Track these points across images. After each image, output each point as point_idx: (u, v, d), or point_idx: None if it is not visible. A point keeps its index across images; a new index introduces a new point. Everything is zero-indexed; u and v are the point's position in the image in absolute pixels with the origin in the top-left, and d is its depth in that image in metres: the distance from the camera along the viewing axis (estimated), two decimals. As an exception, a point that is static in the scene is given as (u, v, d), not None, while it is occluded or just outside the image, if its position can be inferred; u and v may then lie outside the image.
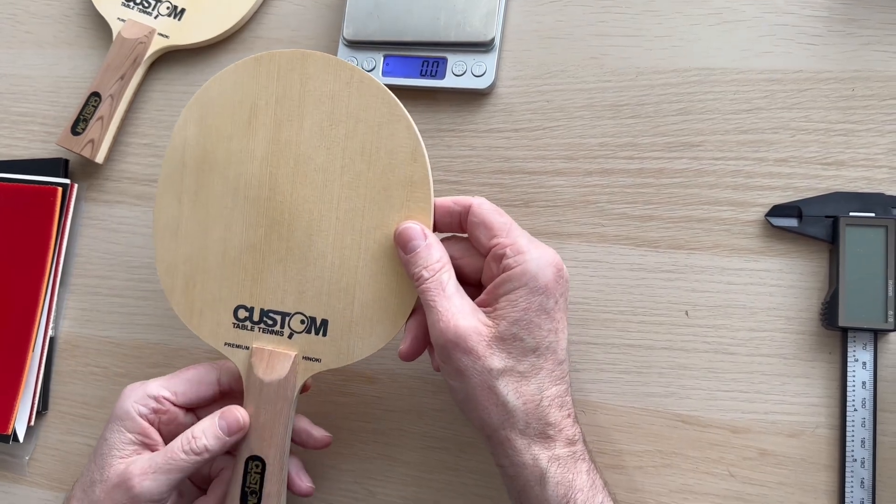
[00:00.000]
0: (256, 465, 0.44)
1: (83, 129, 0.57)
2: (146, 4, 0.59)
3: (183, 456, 0.42)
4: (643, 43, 0.50)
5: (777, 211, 0.46)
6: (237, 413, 0.44)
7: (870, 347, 0.44)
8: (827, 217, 0.45)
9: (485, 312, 0.40)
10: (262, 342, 0.45)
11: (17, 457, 0.57)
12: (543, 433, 0.39)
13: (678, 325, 0.47)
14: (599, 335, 0.48)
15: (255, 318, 0.45)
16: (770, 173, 0.47)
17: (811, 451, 0.45)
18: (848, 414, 0.44)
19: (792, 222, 0.46)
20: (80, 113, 0.58)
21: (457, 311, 0.39)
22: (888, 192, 0.45)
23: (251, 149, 0.45)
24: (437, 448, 0.50)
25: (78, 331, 0.58)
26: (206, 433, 0.43)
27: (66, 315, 0.58)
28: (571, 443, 0.40)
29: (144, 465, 0.42)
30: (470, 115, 0.53)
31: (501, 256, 0.40)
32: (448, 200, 0.43)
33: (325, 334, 0.44)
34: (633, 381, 0.47)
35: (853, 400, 0.44)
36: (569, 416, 0.40)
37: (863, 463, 0.43)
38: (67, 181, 0.59)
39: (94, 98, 0.58)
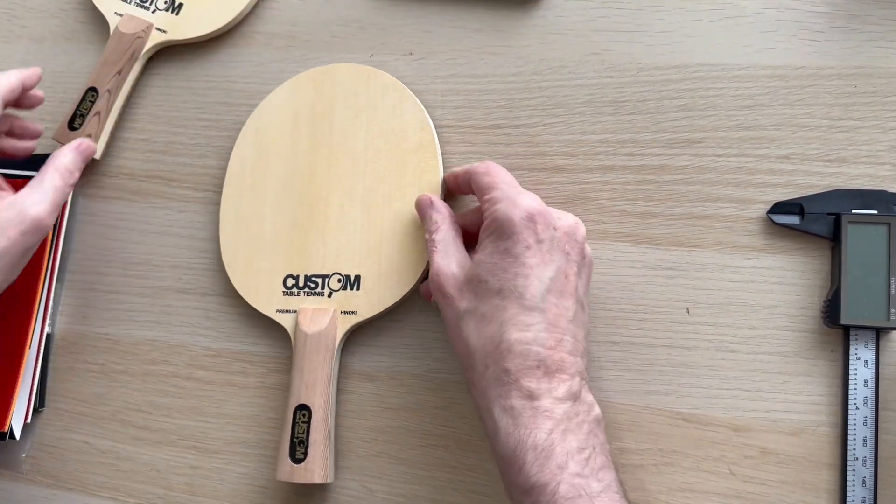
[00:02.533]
0: (303, 415, 0.49)
1: (80, 125, 0.57)
2: (144, -1, 0.59)
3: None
4: (644, 38, 0.50)
5: (779, 208, 0.46)
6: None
7: (872, 345, 0.44)
8: (829, 214, 0.45)
9: (470, 259, 0.44)
10: (307, 304, 0.51)
11: (14, 454, 0.56)
12: (499, 379, 0.39)
13: (679, 322, 0.47)
14: (600, 333, 0.48)
15: (301, 283, 0.52)
16: (772, 170, 0.47)
17: (812, 450, 0.44)
18: (850, 412, 0.44)
19: (794, 219, 0.45)
20: (77, 108, 0.57)
21: (441, 262, 0.44)
22: (890, 190, 0.45)
23: (295, 146, 0.54)
24: (436, 446, 0.49)
25: (75, 327, 0.57)
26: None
27: (63, 311, 0.58)
28: (531, 397, 0.38)
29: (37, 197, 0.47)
30: (469, 111, 0.52)
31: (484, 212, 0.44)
32: (459, 169, 0.48)
33: (358, 288, 0.51)
34: (634, 378, 0.47)
35: (855, 398, 0.44)
36: (537, 368, 0.39)
37: (864, 462, 0.43)
38: (64, 177, 0.58)
39: (91, 93, 0.57)
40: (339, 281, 0.51)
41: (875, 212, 0.44)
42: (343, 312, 0.51)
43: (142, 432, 0.54)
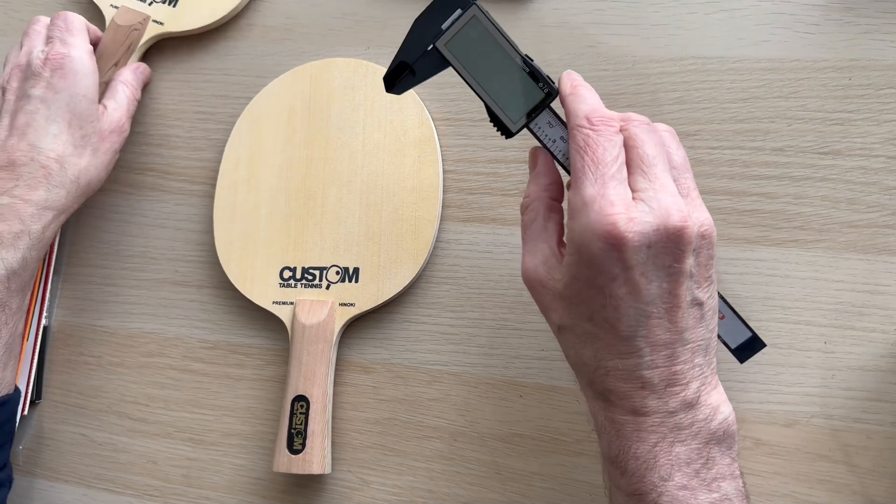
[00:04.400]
0: (301, 406, 0.49)
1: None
2: (140, -9, 0.59)
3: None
4: (640, 31, 0.50)
5: (390, 80, 0.41)
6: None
7: (554, 124, 0.40)
8: (427, 52, 0.40)
9: (561, 259, 0.38)
10: (305, 296, 0.51)
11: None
12: (601, 395, 0.37)
13: (673, 314, 0.47)
14: (594, 325, 0.48)
15: (298, 276, 0.52)
16: (767, 162, 0.47)
17: (806, 441, 0.45)
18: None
19: (410, 79, 0.40)
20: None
21: (527, 258, 0.39)
22: None
23: (291, 139, 0.54)
24: (431, 437, 0.50)
25: (72, 320, 0.57)
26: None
27: (60, 304, 0.58)
28: (635, 413, 0.36)
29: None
30: (465, 104, 0.53)
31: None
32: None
33: (357, 281, 0.51)
34: (628, 370, 0.47)
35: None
36: (642, 388, 0.36)
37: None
38: (61, 169, 0.58)
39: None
40: (338, 273, 0.51)
41: (459, 13, 0.39)
42: (341, 304, 0.51)
43: (138, 424, 0.54)
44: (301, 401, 0.49)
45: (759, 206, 0.47)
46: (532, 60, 0.39)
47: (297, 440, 0.49)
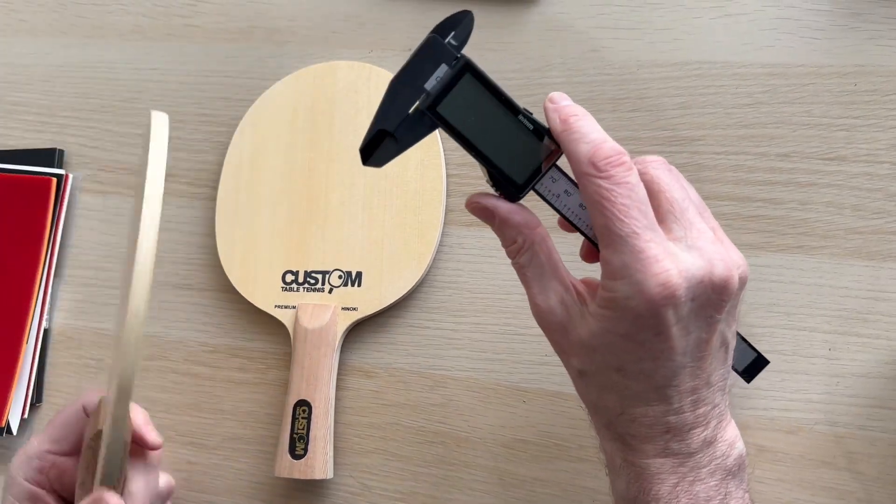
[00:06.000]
0: (304, 410, 0.49)
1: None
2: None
3: None
4: (644, 36, 0.50)
5: (368, 151, 0.35)
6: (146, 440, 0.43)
7: (561, 180, 0.36)
8: (410, 116, 0.35)
9: (578, 299, 0.35)
10: (307, 300, 0.51)
11: (11, 449, 0.56)
12: (621, 439, 0.36)
13: (677, 320, 0.47)
14: (598, 330, 0.48)
15: (300, 279, 0.52)
16: (771, 168, 0.47)
17: (809, 448, 0.44)
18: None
19: (391, 148, 0.35)
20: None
21: (539, 298, 0.35)
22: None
23: (293, 142, 0.54)
24: (433, 442, 0.49)
25: (73, 322, 0.57)
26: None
27: (61, 307, 0.57)
28: (656, 456, 0.35)
29: None
30: (469, 108, 0.52)
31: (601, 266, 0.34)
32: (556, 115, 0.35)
33: (359, 285, 0.51)
34: (632, 376, 0.47)
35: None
36: (666, 433, 0.34)
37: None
38: (62, 171, 0.58)
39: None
40: (340, 277, 0.51)
41: (446, 68, 0.34)
42: (344, 309, 0.51)
43: (139, 428, 0.54)
44: (303, 405, 0.49)
45: (764, 212, 0.47)
46: (531, 114, 0.35)
47: (299, 445, 0.49)
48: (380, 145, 0.35)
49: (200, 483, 0.53)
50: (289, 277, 0.52)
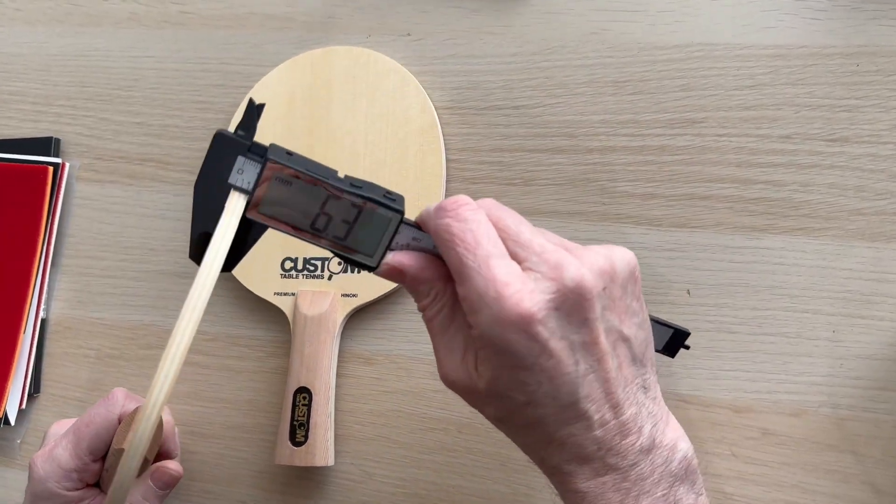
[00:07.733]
0: (304, 397, 0.48)
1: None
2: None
3: None
4: (645, 18, 0.50)
5: (199, 253, 0.36)
6: (169, 470, 0.47)
7: None
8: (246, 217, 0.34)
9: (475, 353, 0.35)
10: (306, 286, 0.51)
11: (9, 440, 0.56)
12: (557, 470, 0.35)
13: (680, 304, 0.47)
14: (600, 314, 0.47)
15: (299, 266, 0.51)
16: (773, 150, 0.47)
17: (814, 431, 0.44)
18: None
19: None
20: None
21: (448, 358, 0.35)
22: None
23: (291, 128, 0.53)
24: (434, 429, 0.49)
25: (70, 312, 0.57)
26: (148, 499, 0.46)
27: (58, 296, 0.57)
28: (595, 476, 0.35)
29: None
30: (468, 92, 0.52)
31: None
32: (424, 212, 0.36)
33: (359, 271, 0.50)
34: (634, 360, 0.47)
35: None
36: (598, 450, 0.34)
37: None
38: (59, 160, 0.58)
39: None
40: (340, 264, 0.51)
41: (243, 158, 0.33)
42: (343, 295, 0.50)
43: (138, 417, 0.54)
44: (303, 392, 0.49)
45: (767, 194, 0.46)
46: (358, 185, 0.34)
47: (299, 432, 0.48)
48: (207, 247, 0.34)
49: (201, 472, 0.52)
50: (288, 264, 0.52)
